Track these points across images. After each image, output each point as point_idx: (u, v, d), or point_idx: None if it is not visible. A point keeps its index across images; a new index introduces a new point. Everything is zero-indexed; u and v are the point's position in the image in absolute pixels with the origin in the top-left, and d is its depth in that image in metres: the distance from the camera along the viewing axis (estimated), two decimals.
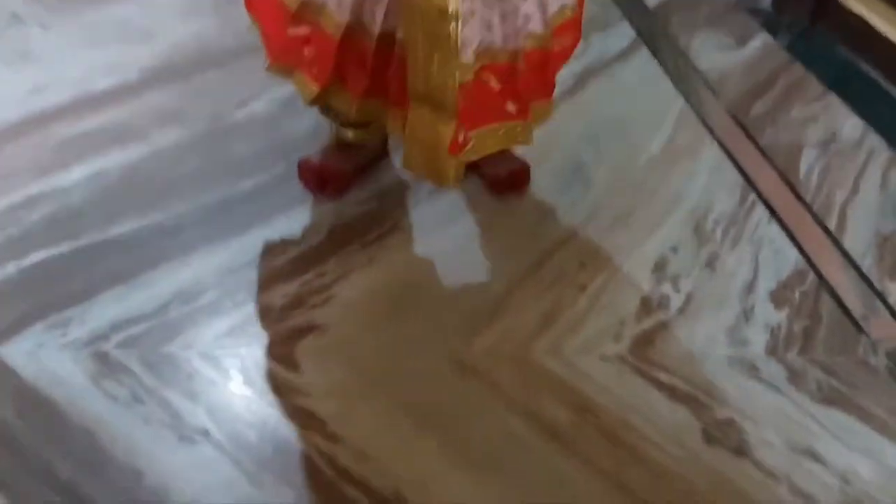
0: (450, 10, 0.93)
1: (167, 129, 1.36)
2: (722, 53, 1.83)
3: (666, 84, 1.69)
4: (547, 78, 1.12)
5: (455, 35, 0.95)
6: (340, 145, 1.25)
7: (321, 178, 1.24)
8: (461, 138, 1.04)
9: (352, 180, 1.26)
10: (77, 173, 1.25)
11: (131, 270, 1.09)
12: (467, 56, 0.99)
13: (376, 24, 1.00)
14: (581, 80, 1.64)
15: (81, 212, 1.18)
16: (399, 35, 1.00)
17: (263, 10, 1.08)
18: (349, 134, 1.23)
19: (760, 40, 1.91)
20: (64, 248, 1.12)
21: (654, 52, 1.79)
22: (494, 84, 1.04)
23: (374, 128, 1.19)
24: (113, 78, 1.46)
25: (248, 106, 1.43)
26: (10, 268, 1.07)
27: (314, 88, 1.07)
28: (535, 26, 1.04)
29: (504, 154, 1.26)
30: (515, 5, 1.00)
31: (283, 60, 1.09)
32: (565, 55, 1.17)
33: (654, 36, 1.86)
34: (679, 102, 1.62)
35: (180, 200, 1.22)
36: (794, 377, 1.07)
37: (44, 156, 1.27)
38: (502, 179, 1.28)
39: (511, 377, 1.03)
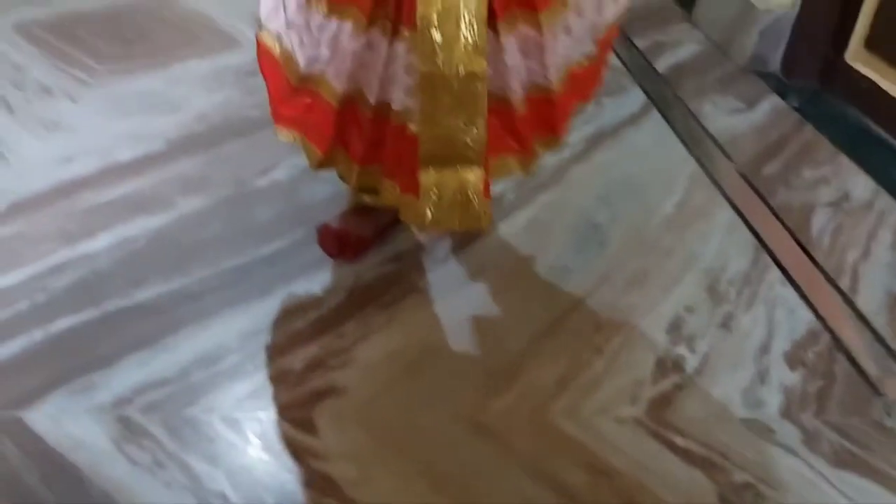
0: (478, 70, 0.96)
1: (191, 197, 1.40)
2: (732, 116, 1.87)
3: (678, 146, 1.73)
4: (552, 117, 1.12)
5: (483, 93, 0.98)
6: (358, 209, 1.29)
7: (341, 243, 1.27)
8: (487, 180, 1.06)
9: (370, 244, 1.29)
10: (103, 240, 1.29)
11: (155, 335, 1.12)
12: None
13: (373, 94, 1.04)
14: (594, 143, 1.68)
15: (107, 278, 1.21)
16: (395, 107, 1.03)
17: (271, 74, 1.13)
18: (366, 197, 1.26)
19: (770, 103, 1.95)
20: (89, 314, 1.14)
21: (666, 116, 1.83)
22: (494, 122, 1.05)
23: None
24: (139, 148, 1.52)
25: (269, 173, 1.48)
26: (37, 334, 1.10)
27: (318, 153, 1.11)
28: (538, 78, 1.06)
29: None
30: (509, 65, 1.02)
31: (288, 125, 1.13)
32: (583, 97, 1.17)
33: (665, 100, 1.91)
34: (691, 164, 1.66)
35: (203, 265, 1.26)
36: (809, 439, 1.06)
37: (71, 224, 1.32)
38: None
39: (527, 439, 1.03)
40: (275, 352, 1.11)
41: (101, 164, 1.47)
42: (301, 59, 1.04)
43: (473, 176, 1.02)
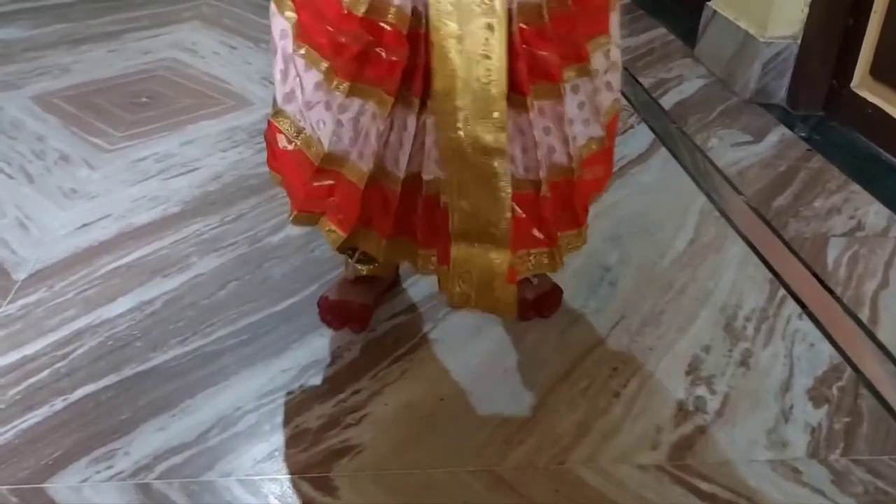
0: (494, 145, 0.95)
1: (207, 257, 1.43)
2: (740, 149, 1.88)
3: (686, 182, 1.73)
4: (574, 208, 1.10)
5: (504, 170, 0.97)
6: (354, 280, 1.28)
7: (344, 315, 1.26)
8: (514, 265, 1.04)
9: (372, 312, 1.28)
10: (122, 305, 1.31)
11: (173, 399, 1.13)
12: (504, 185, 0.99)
13: (400, 170, 1.02)
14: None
15: (126, 343, 1.23)
16: (426, 177, 1.02)
17: (287, 164, 1.11)
18: (363, 269, 1.27)
19: (777, 134, 1.95)
20: (109, 380, 1.16)
21: (673, 152, 1.85)
22: (519, 212, 1.04)
23: (383, 262, 1.21)
24: (155, 211, 1.55)
25: (282, 230, 1.50)
26: (58, 404, 1.11)
27: (341, 234, 1.08)
28: (559, 158, 1.04)
29: (536, 280, 1.28)
30: (536, 140, 1.01)
31: (309, 209, 1.11)
32: (597, 186, 1.16)
33: (672, 136, 1.92)
34: (701, 200, 1.66)
35: (220, 325, 1.27)
36: (839, 479, 1.04)
37: (90, 290, 1.34)
38: (529, 304, 1.27)
39: (546, 491, 1.02)
40: (291, 411, 1.12)
41: (119, 228, 1.50)
42: (324, 140, 1.03)
43: (499, 258, 1.01)
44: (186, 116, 1.92)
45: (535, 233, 1.08)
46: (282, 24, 1.06)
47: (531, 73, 0.98)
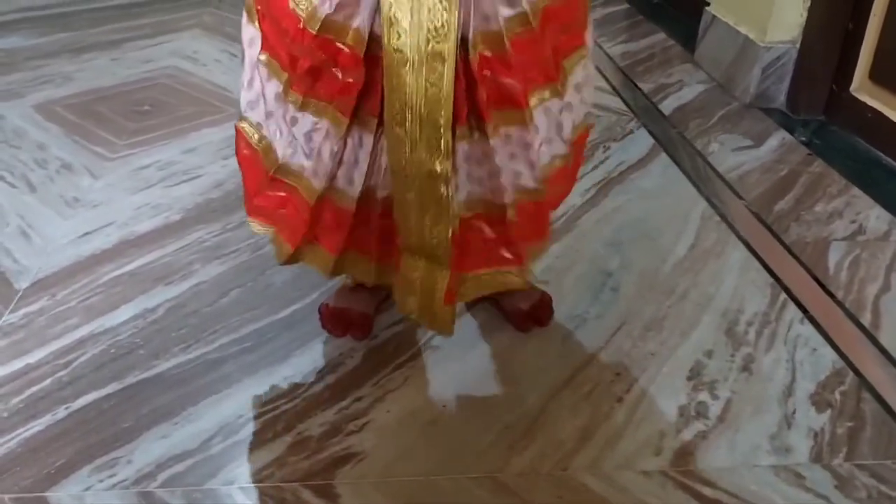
0: (439, 172, 0.95)
1: (209, 264, 1.43)
2: (740, 154, 1.88)
3: (687, 187, 1.73)
4: (540, 223, 1.12)
5: (447, 195, 0.97)
6: (355, 287, 1.28)
7: (345, 322, 1.25)
8: (455, 286, 1.06)
9: (373, 319, 1.28)
10: (124, 313, 1.31)
11: (176, 407, 1.13)
12: (455, 208, 1.00)
13: (354, 188, 1.02)
14: (603, 189, 1.70)
15: (129, 351, 1.23)
16: (380, 193, 1.02)
17: (246, 167, 1.12)
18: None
19: (777, 139, 1.95)
20: (112, 388, 1.16)
21: (673, 157, 1.85)
22: (488, 232, 1.05)
23: None
24: (157, 219, 1.56)
25: None
26: (61, 412, 1.12)
27: (288, 248, 1.09)
28: (526, 181, 1.05)
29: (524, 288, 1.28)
30: (500, 165, 1.01)
31: (259, 217, 1.12)
32: (558, 200, 1.18)
33: (672, 141, 1.92)
34: (701, 205, 1.66)
35: (222, 332, 1.27)
36: (842, 484, 1.04)
37: (92, 298, 1.34)
38: (524, 314, 1.28)
39: (548, 496, 1.02)
40: (293, 418, 1.12)
41: (122, 236, 1.51)
42: (279, 150, 1.04)
43: (440, 277, 1.02)
44: (188, 124, 1.93)
45: (504, 253, 1.09)
46: (251, 32, 1.07)
47: (496, 100, 0.98)
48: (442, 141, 0.94)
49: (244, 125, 1.11)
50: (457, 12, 0.91)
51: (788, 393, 1.19)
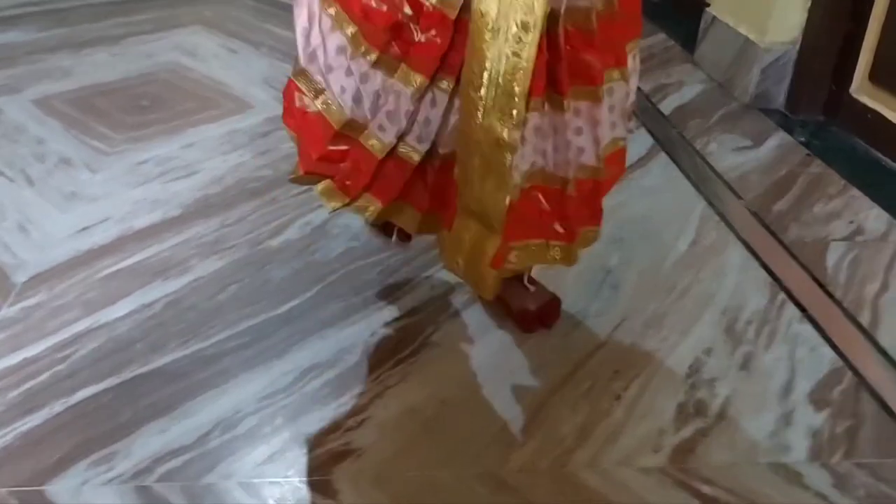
0: (507, 140, 0.96)
1: (207, 260, 1.43)
2: (739, 154, 1.88)
3: (686, 187, 1.73)
4: (596, 205, 1.12)
5: (510, 165, 0.98)
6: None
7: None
8: (504, 253, 1.06)
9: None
10: (122, 308, 1.30)
11: (174, 401, 1.12)
12: (516, 178, 1.02)
13: (423, 145, 1.02)
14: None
15: (127, 345, 1.23)
16: (442, 150, 1.03)
17: (304, 124, 1.11)
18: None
19: (776, 139, 1.95)
20: (109, 382, 1.15)
21: (673, 157, 1.85)
22: (544, 205, 1.06)
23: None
24: (155, 214, 1.55)
25: (282, 233, 1.50)
26: (58, 406, 1.11)
27: (342, 199, 1.08)
28: (588, 158, 1.06)
29: (534, 288, 1.28)
30: (568, 139, 1.03)
31: (319, 171, 1.10)
32: (613, 182, 1.18)
33: (672, 141, 1.92)
34: (701, 204, 1.66)
35: (220, 327, 1.27)
36: (841, 483, 1.04)
37: (91, 292, 1.34)
38: (531, 315, 1.27)
39: (549, 493, 1.02)
40: (292, 414, 1.11)
41: (120, 231, 1.50)
42: (346, 106, 1.03)
43: (490, 243, 1.03)
44: (187, 119, 1.92)
45: (557, 227, 1.10)
46: None
47: (573, 75, 0.99)
48: (515, 111, 0.95)
49: (301, 79, 1.08)
50: None
51: (787, 391, 1.19)
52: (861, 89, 1.96)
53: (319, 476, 1.02)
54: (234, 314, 1.30)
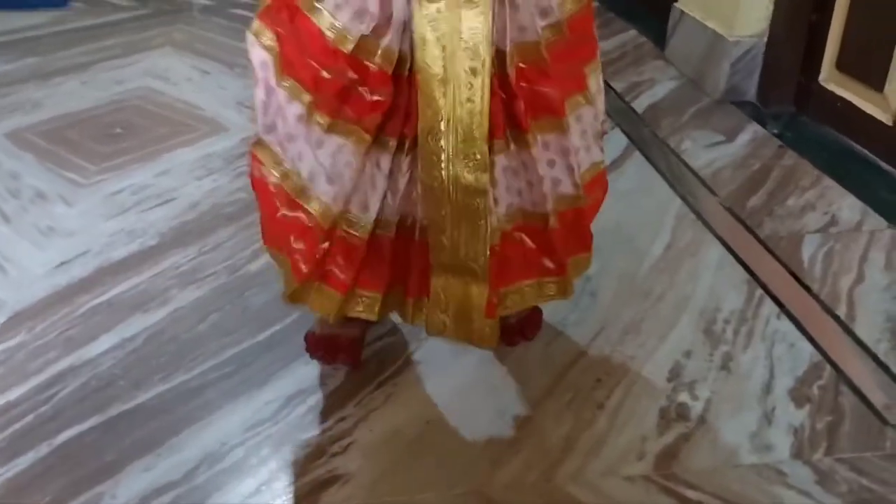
0: (475, 185, 0.97)
1: (186, 289, 1.42)
2: (713, 150, 1.89)
3: (662, 186, 1.75)
4: (582, 233, 1.13)
5: (483, 209, 0.98)
6: None
7: (332, 349, 1.23)
8: (494, 300, 1.06)
9: (362, 343, 1.27)
10: (104, 343, 1.30)
11: (159, 437, 1.13)
12: (494, 221, 1.01)
13: (369, 214, 1.02)
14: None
15: (109, 382, 1.22)
16: (395, 218, 1.02)
17: (262, 193, 1.11)
18: None
19: (749, 133, 1.97)
20: (94, 421, 1.15)
21: (647, 157, 1.86)
22: (529, 244, 1.06)
23: None
24: (133, 244, 1.55)
25: (261, 256, 1.49)
26: (44, 449, 1.11)
27: (293, 284, 1.08)
28: (566, 188, 1.06)
29: None
30: (541, 174, 1.03)
31: (275, 244, 1.12)
32: (597, 207, 1.18)
33: (646, 140, 1.93)
34: (676, 203, 1.67)
35: (202, 358, 1.27)
36: (824, 480, 1.05)
37: (71, 329, 1.33)
38: (512, 328, 1.26)
39: None
40: (277, 443, 1.12)
41: (98, 264, 1.50)
42: (304, 172, 1.03)
43: (476, 292, 1.03)
44: (161, 146, 1.92)
45: (547, 263, 1.10)
46: (261, 55, 1.05)
47: (534, 108, 0.99)
48: (478, 154, 0.96)
49: (261, 150, 1.09)
50: (490, 27, 0.93)
51: (767, 390, 1.20)
52: (829, 78, 1.98)
53: None
54: (215, 344, 1.30)
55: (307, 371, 1.24)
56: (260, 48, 1.06)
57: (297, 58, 1.01)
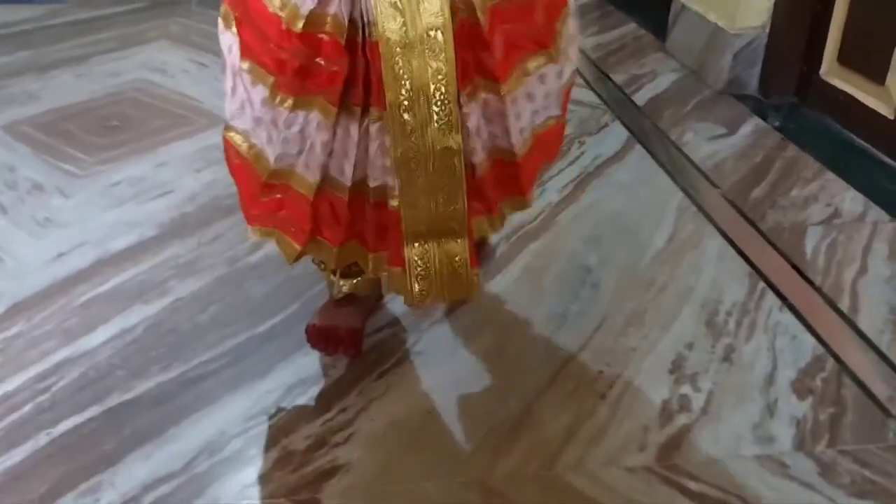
0: (452, 146, 0.96)
1: (186, 280, 1.42)
2: (715, 142, 1.89)
3: (663, 179, 1.74)
4: (518, 180, 1.10)
5: (460, 167, 0.98)
6: (339, 301, 1.26)
7: (333, 339, 1.23)
8: (474, 249, 1.06)
9: (362, 333, 1.26)
10: (102, 334, 1.29)
11: (158, 427, 1.12)
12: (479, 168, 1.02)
13: (346, 178, 1.02)
14: (580, 185, 1.70)
15: (108, 372, 1.22)
16: (372, 183, 1.02)
17: (239, 177, 1.12)
18: (344, 287, 1.25)
19: (751, 125, 1.96)
20: (93, 411, 1.15)
21: (649, 149, 1.85)
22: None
23: (366, 277, 1.21)
24: (131, 235, 1.54)
25: (261, 248, 1.49)
26: (42, 439, 1.10)
27: (296, 248, 1.08)
28: (502, 143, 1.05)
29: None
30: (469, 130, 1.01)
31: (261, 224, 1.11)
32: (550, 157, 1.16)
33: (647, 133, 1.93)
34: (678, 196, 1.66)
35: (202, 349, 1.26)
36: (826, 471, 1.05)
37: (70, 320, 1.33)
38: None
39: (535, 498, 1.02)
40: (278, 433, 1.11)
41: (96, 255, 1.49)
42: (271, 155, 1.04)
43: (459, 247, 1.02)
44: (159, 138, 1.91)
45: (475, 203, 1.07)
46: (228, 39, 1.05)
47: (475, 68, 0.98)
48: (451, 115, 0.95)
49: (231, 134, 1.09)
50: None
51: (770, 381, 1.19)
52: (831, 71, 1.97)
53: (308, 495, 1.02)
54: (215, 335, 1.29)
55: (307, 362, 1.24)
56: (228, 33, 1.05)
57: (256, 42, 1.01)
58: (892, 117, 1.78)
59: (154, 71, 2.27)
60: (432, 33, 0.92)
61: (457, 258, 1.04)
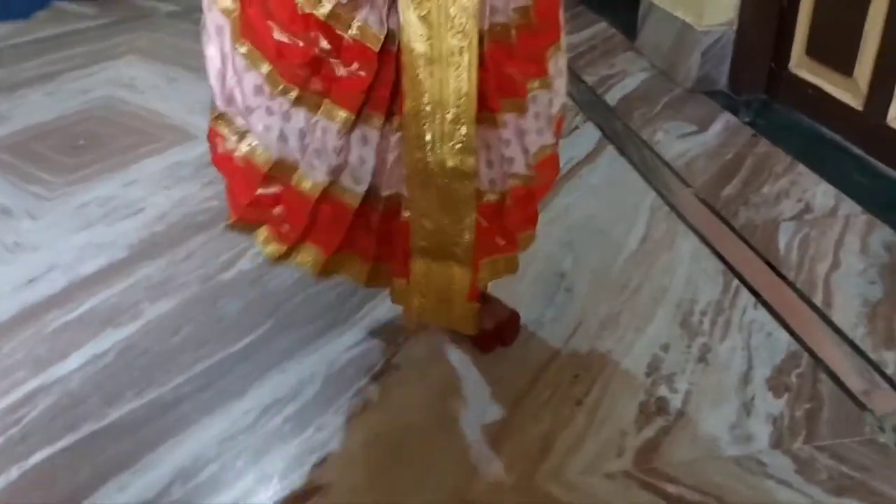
0: (464, 168, 0.95)
1: (158, 301, 1.40)
2: (686, 140, 1.89)
3: (635, 179, 1.74)
4: (531, 211, 1.13)
5: (470, 191, 0.97)
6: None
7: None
8: (476, 283, 1.05)
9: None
10: (74, 361, 1.27)
11: (133, 454, 1.10)
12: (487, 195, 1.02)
13: (361, 186, 1.00)
14: (553, 188, 1.69)
15: (81, 400, 1.20)
16: (384, 192, 1.00)
17: (229, 168, 1.08)
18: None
19: (721, 122, 1.97)
20: (66, 441, 1.13)
21: (621, 149, 1.85)
22: (484, 223, 1.05)
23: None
24: (102, 258, 1.52)
25: (234, 265, 1.48)
26: (13, 472, 1.08)
27: (280, 247, 1.06)
28: (519, 167, 1.05)
29: (490, 304, 1.26)
30: (501, 153, 1.02)
31: (249, 219, 1.08)
32: (547, 188, 1.18)
33: (618, 133, 1.93)
34: (650, 196, 1.67)
35: (176, 371, 1.25)
36: (803, 468, 1.05)
37: (41, 347, 1.31)
38: (489, 335, 1.25)
39: None
40: (254, 455, 1.10)
41: (66, 280, 1.47)
42: (272, 147, 1.00)
43: (459, 275, 1.02)
44: (128, 155, 1.88)
45: (498, 240, 1.09)
46: (218, 18, 1.01)
47: (499, 90, 0.98)
48: (465, 136, 0.94)
49: (220, 124, 1.05)
50: (478, 6, 0.91)
51: (746, 380, 1.20)
52: (800, 65, 1.98)
53: None
54: (189, 356, 1.28)
55: (284, 379, 1.22)
56: (217, 12, 1.01)
57: (260, 22, 0.97)
58: (860, 108, 1.79)
59: (123, 87, 2.25)
60: (457, 52, 0.92)
61: (455, 287, 1.03)
